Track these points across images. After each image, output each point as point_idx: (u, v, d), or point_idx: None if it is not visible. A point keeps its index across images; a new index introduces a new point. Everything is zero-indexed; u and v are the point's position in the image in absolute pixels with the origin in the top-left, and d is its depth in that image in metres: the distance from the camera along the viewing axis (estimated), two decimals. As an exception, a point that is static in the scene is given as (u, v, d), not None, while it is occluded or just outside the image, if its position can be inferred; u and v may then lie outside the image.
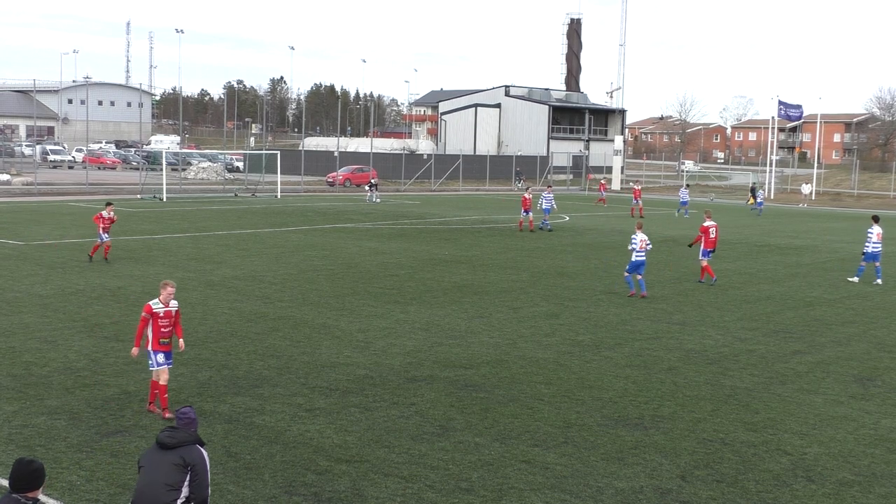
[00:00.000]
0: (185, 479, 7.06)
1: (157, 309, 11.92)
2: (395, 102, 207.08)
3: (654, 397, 13.53)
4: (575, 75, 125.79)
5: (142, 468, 7.18)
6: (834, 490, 10.15)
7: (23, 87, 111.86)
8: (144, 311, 11.93)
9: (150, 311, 11.87)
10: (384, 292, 21.70)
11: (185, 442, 7.17)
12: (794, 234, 41.86)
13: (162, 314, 11.92)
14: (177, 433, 7.23)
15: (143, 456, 7.31)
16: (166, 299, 11.93)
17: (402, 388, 13.51)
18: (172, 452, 7.13)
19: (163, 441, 7.17)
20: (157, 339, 11.92)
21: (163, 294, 11.93)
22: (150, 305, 11.92)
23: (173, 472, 7.04)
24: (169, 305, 11.97)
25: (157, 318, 11.89)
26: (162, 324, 11.92)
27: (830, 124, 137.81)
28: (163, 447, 7.15)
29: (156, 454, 7.18)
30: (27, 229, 32.92)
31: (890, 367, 16.01)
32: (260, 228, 36.17)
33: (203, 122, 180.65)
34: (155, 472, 7.05)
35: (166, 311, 11.96)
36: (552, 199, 41.59)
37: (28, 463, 6.13)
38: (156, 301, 11.95)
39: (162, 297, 11.93)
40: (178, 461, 7.09)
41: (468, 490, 9.74)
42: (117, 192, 54.61)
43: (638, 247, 22.27)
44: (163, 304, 11.92)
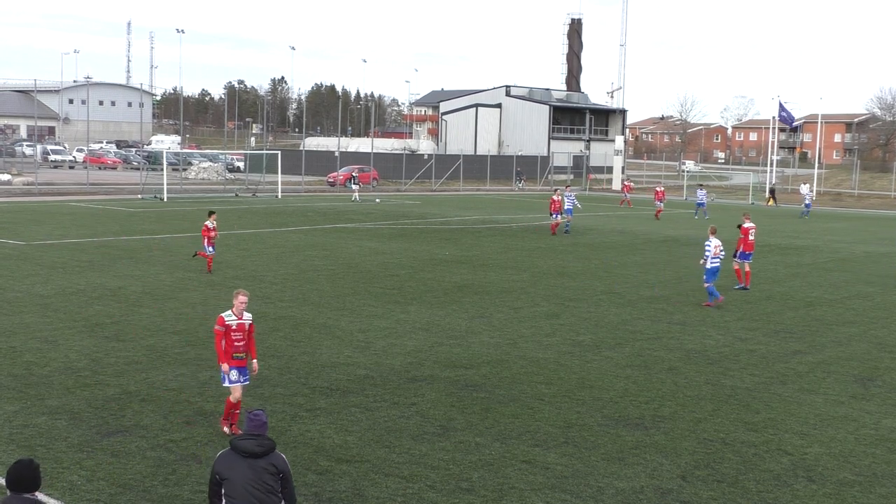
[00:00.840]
0: (279, 487, 6.70)
1: (231, 321, 11.11)
2: (395, 102, 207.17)
3: (654, 397, 13.53)
4: (575, 75, 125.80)
5: (227, 480, 6.64)
6: (835, 490, 10.15)
7: (24, 87, 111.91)
8: (218, 323, 11.13)
9: (224, 323, 11.08)
10: (385, 292, 21.70)
11: (271, 448, 6.77)
12: (794, 235, 41.85)
13: (235, 327, 11.13)
14: (262, 440, 6.75)
15: (224, 466, 6.70)
16: (239, 310, 11.15)
17: (402, 388, 13.51)
18: (263, 460, 6.68)
19: (251, 450, 6.66)
20: (230, 353, 11.10)
21: (235, 304, 11.15)
22: (223, 318, 11.11)
23: (270, 480, 6.64)
24: (242, 318, 11.20)
25: (231, 332, 11.08)
26: (235, 337, 11.12)
27: (831, 124, 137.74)
28: (251, 455, 6.65)
29: (243, 463, 6.65)
30: (28, 229, 32.93)
31: (890, 367, 16.00)
32: (260, 228, 36.18)
33: (204, 122, 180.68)
34: (253, 483, 6.58)
35: (239, 323, 11.17)
36: (574, 198, 40.48)
37: (28, 464, 6.00)
38: (228, 313, 11.15)
39: (235, 309, 11.14)
40: (271, 469, 6.68)
41: (469, 490, 9.74)
42: (118, 192, 54.64)
43: (713, 253, 21.32)
44: (236, 315, 11.13)
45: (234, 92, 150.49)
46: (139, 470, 9.97)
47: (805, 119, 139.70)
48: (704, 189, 53.18)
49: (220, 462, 6.73)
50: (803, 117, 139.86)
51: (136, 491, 9.41)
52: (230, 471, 6.65)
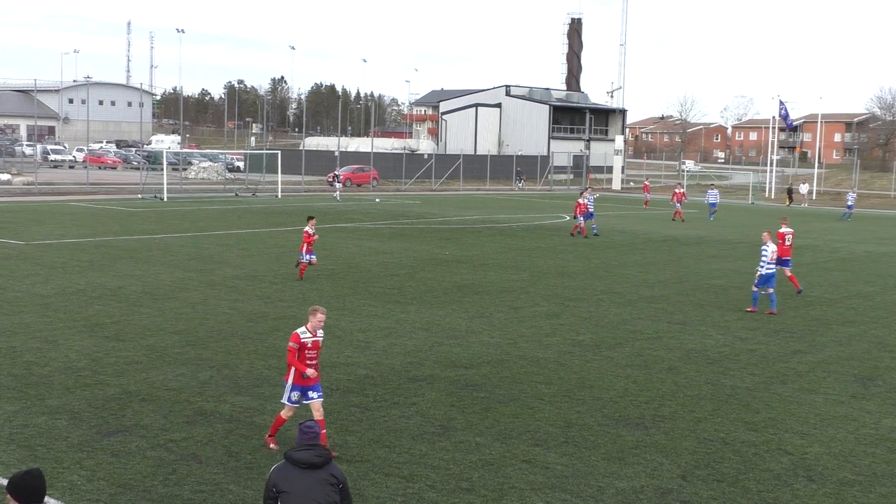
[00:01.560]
0: (339, 498, 6.49)
1: (306, 339, 10.67)
2: (395, 102, 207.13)
3: (654, 397, 13.53)
4: (575, 75, 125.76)
5: (284, 493, 6.40)
6: (835, 490, 10.15)
7: (23, 87, 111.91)
8: (292, 340, 10.66)
9: (299, 340, 10.63)
10: (385, 292, 21.70)
11: (328, 459, 6.53)
12: (794, 234, 41.79)
13: (310, 344, 10.69)
14: (321, 450, 6.53)
15: (281, 478, 6.45)
16: (315, 328, 10.69)
17: (402, 388, 13.51)
18: (322, 471, 6.46)
19: (310, 460, 6.43)
20: (300, 371, 10.67)
21: (311, 321, 10.69)
22: (298, 335, 10.68)
23: (331, 492, 6.42)
24: (317, 335, 10.76)
25: (305, 349, 10.66)
26: (309, 355, 10.70)
27: (831, 124, 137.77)
28: (311, 466, 6.42)
29: (302, 475, 6.41)
30: (28, 229, 32.93)
31: (891, 366, 16.00)
32: (260, 228, 36.18)
33: (204, 121, 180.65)
34: (314, 495, 6.37)
35: (314, 341, 10.73)
36: (592, 200, 39.01)
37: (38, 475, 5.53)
38: (303, 329, 10.72)
39: (310, 325, 10.69)
40: (331, 480, 6.47)
41: (469, 490, 9.74)
42: (118, 192, 54.64)
43: (769, 258, 20.69)
44: (311, 332, 10.70)
45: (234, 92, 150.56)
46: (139, 470, 9.97)
47: (805, 119, 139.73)
48: (716, 189, 52.32)
49: (276, 475, 6.49)
50: (803, 117, 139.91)
51: (137, 491, 9.41)
52: (288, 483, 6.41)
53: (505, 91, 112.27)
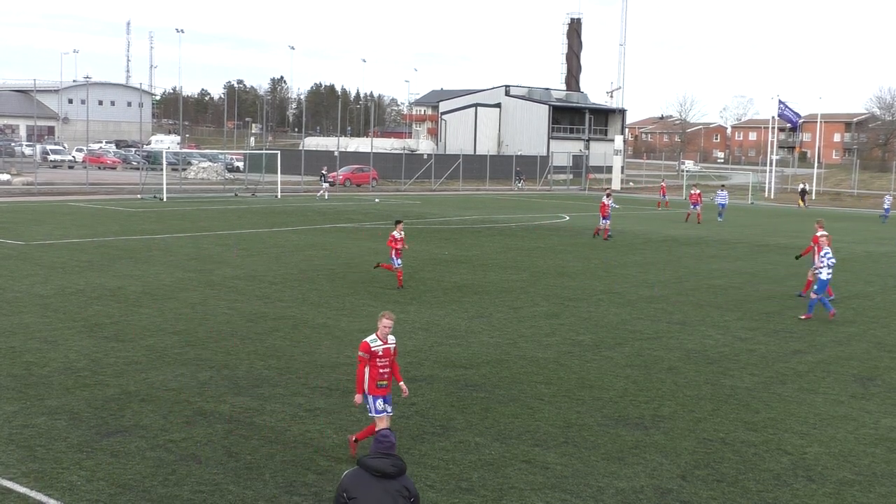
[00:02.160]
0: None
1: (376, 347, 10.32)
2: (395, 102, 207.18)
3: (654, 397, 13.52)
4: (575, 75, 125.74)
5: (355, 499, 6.29)
6: (834, 489, 10.15)
7: (23, 87, 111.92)
8: (361, 349, 10.34)
9: (369, 349, 10.30)
10: (384, 292, 21.70)
11: (403, 470, 6.37)
12: (794, 234, 41.83)
13: (381, 352, 10.35)
14: (397, 460, 6.37)
15: (353, 484, 6.35)
16: (384, 334, 10.38)
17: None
18: (396, 482, 6.33)
19: (384, 469, 6.30)
20: (375, 381, 10.35)
21: (380, 328, 10.38)
22: (368, 343, 10.33)
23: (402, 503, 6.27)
24: (387, 342, 10.44)
25: (376, 358, 10.33)
26: (381, 363, 10.36)
27: (830, 124, 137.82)
28: (385, 476, 6.29)
29: (375, 484, 6.29)
30: (27, 229, 32.92)
31: (890, 366, 16.01)
32: (260, 228, 36.18)
33: (203, 121, 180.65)
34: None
35: (385, 348, 10.39)
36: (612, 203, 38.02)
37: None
38: (373, 337, 10.37)
39: (379, 332, 10.38)
40: (404, 492, 6.32)
41: (468, 490, 9.74)
42: (117, 192, 54.63)
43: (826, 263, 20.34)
44: (380, 340, 10.38)
45: (234, 92, 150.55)
46: (139, 470, 9.97)
47: (804, 119, 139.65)
48: (726, 190, 51.54)
49: (348, 481, 6.39)
50: (803, 117, 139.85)
51: (136, 491, 9.41)
52: (360, 490, 6.29)
53: (504, 91, 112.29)
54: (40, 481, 9.56)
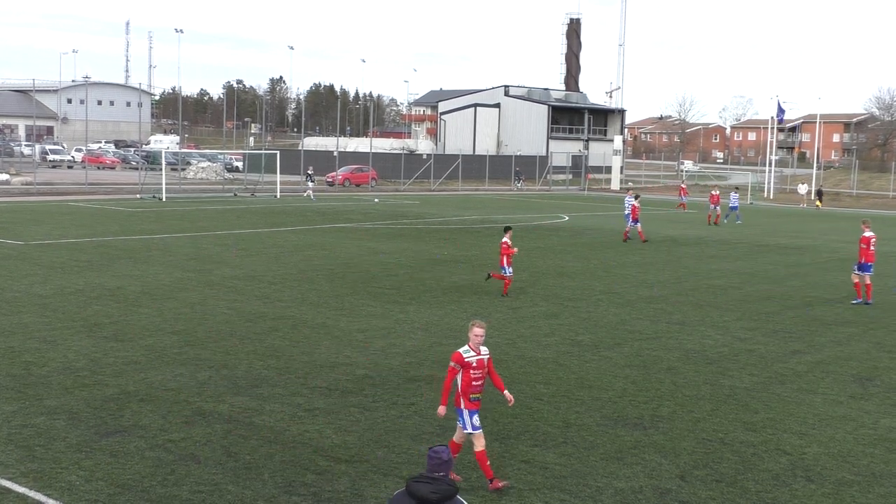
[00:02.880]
0: None
1: (469, 358, 9.81)
2: (394, 102, 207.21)
3: (653, 397, 13.52)
4: (574, 75, 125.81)
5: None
6: (833, 490, 10.15)
7: (22, 87, 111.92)
8: (453, 360, 9.86)
9: (462, 360, 9.80)
10: (383, 292, 21.70)
11: (450, 495, 5.90)
12: (793, 234, 41.87)
13: (474, 364, 9.85)
14: (440, 485, 5.92)
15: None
16: (476, 344, 9.90)
17: (401, 388, 13.51)
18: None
19: (425, 496, 5.89)
20: (468, 394, 9.81)
21: (471, 338, 9.90)
22: (461, 354, 9.82)
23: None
24: (480, 352, 9.96)
25: (469, 369, 9.80)
26: (474, 375, 9.85)
27: (830, 124, 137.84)
28: (423, 502, 5.90)
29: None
30: (26, 229, 32.91)
31: (889, 366, 16.01)
32: (259, 228, 36.17)
33: (202, 121, 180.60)
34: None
35: (479, 359, 9.90)
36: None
37: None
38: (465, 348, 9.87)
39: (471, 343, 9.89)
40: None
41: (467, 490, 9.73)
42: (117, 192, 54.63)
43: None
44: (473, 350, 9.89)
45: (233, 92, 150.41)
46: (138, 470, 9.96)
47: (804, 119, 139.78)
48: (738, 193, 51.08)
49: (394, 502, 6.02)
50: (802, 117, 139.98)
51: (135, 491, 9.41)
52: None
53: (504, 91, 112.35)
54: (39, 481, 9.55)
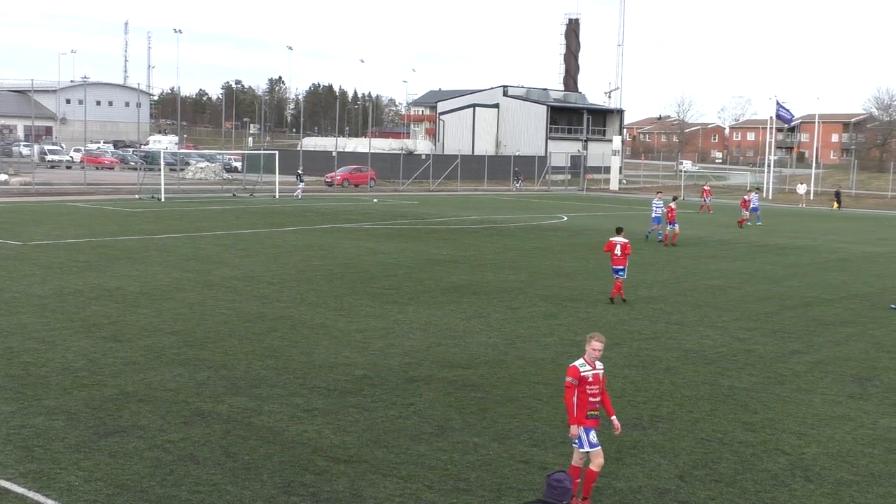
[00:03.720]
0: None
1: (586, 372, 9.43)
2: (393, 102, 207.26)
3: (652, 397, 13.52)
4: (573, 75, 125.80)
5: None
6: (832, 490, 10.15)
7: (21, 87, 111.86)
8: (570, 375, 9.43)
9: (578, 375, 9.38)
10: (382, 292, 21.69)
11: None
12: (792, 235, 41.88)
13: (591, 378, 9.44)
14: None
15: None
16: (593, 358, 9.52)
17: (400, 389, 13.50)
18: None
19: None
20: (585, 410, 9.40)
21: (588, 351, 9.53)
22: (577, 368, 9.43)
23: None
24: (596, 367, 9.55)
25: (586, 384, 9.41)
26: (591, 391, 9.44)
27: (828, 124, 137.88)
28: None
29: None
30: (25, 229, 32.89)
31: (888, 366, 16.01)
32: (258, 228, 36.16)
33: (201, 122, 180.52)
34: None
35: (595, 374, 9.50)
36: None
37: None
38: (581, 361, 9.50)
39: (587, 356, 9.51)
40: None
41: (466, 490, 9.74)
42: (115, 193, 54.61)
43: None
44: (589, 364, 9.50)
45: (232, 92, 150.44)
46: (137, 470, 9.96)
47: (802, 119, 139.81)
48: (757, 194, 50.11)
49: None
50: (801, 117, 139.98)
51: (134, 491, 9.40)
52: None
53: (502, 91, 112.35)
54: (38, 481, 9.55)
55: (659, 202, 36.29)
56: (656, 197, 37.30)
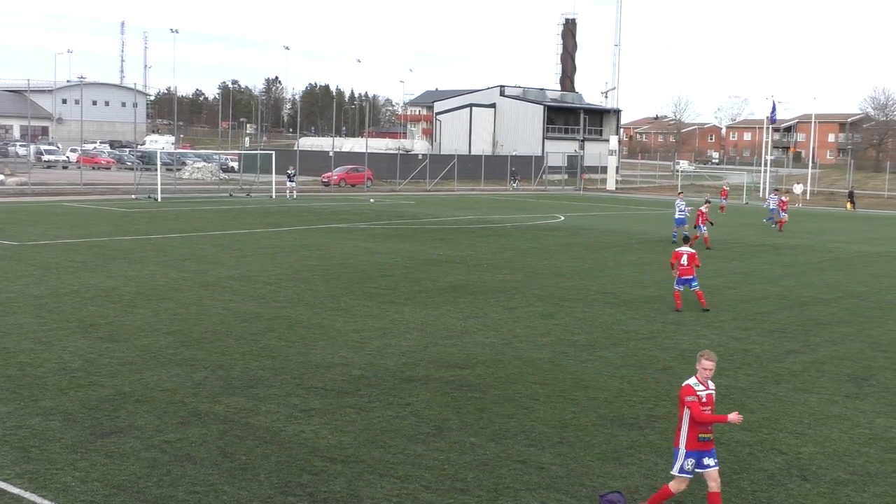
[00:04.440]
0: None
1: (701, 392, 8.86)
2: (390, 102, 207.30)
3: (649, 397, 13.53)
4: (570, 75, 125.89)
5: None
6: (829, 489, 10.16)
7: (17, 87, 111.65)
8: (684, 393, 8.86)
9: (694, 393, 8.83)
10: (379, 292, 21.69)
11: None
12: (788, 234, 41.93)
13: (704, 399, 8.86)
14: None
15: None
16: (705, 378, 8.94)
17: (397, 389, 13.50)
18: None
19: None
20: (696, 433, 8.85)
21: (699, 370, 8.96)
22: (692, 387, 8.86)
23: None
24: (709, 387, 8.99)
25: (699, 406, 8.84)
26: (704, 412, 8.90)
27: (825, 124, 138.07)
28: None
29: None
30: (21, 230, 32.85)
31: (884, 366, 16.04)
32: (255, 228, 36.13)
33: (198, 122, 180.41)
34: None
35: (708, 394, 8.93)
36: (686, 207, 35.88)
37: None
38: (693, 381, 8.92)
39: (699, 375, 8.95)
40: None
41: (464, 490, 9.74)
42: (112, 193, 54.54)
43: None
44: (702, 384, 8.93)
45: (229, 92, 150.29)
46: (133, 471, 9.94)
47: (799, 119, 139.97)
48: (777, 195, 49.25)
49: None
50: (797, 117, 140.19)
51: (131, 492, 9.39)
52: None
53: (499, 91, 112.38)
54: (34, 482, 9.53)
55: (682, 203, 35.71)
56: (678, 198, 36.71)
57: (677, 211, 35.82)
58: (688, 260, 20.92)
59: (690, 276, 20.86)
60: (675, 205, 36.41)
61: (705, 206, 35.31)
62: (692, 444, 8.86)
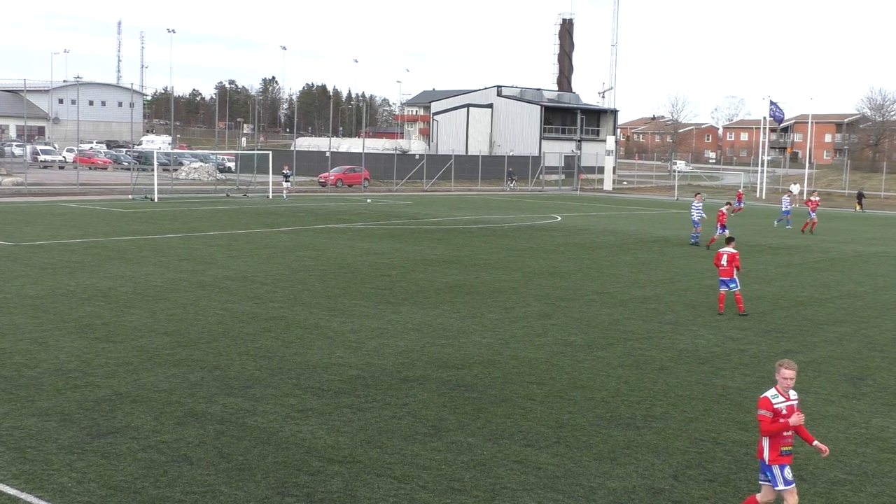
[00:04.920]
0: None
1: (779, 404, 8.50)
2: (386, 103, 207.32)
3: (646, 397, 13.54)
4: (567, 75, 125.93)
5: None
6: (825, 489, 10.17)
7: (13, 87, 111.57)
8: (763, 407, 8.50)
9: (771, 407, 8.46)
10: (376, 293, 21.68)
11: None
12: (785, 234, 41.97)
13: (784, 411, 8.51)
14: None
15: None
16: (785, 388, 8.57)
17: (394, 389, 13.49)
18: None
19: None
20: (779, 446, 8.53)
21: (779, 381, 8.59)
22: (769, 399, 8.50)
23: None
24: (790, 397, 8.61)
25: (779, 417, 8.49)
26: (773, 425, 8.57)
27: (821, 125, 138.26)
28: None
29: None
30: (17, 230, 32.79)
31: (881, 366, 16.06)
32: (251, 229, 36.11)
33: (194, 122, 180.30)
34: None
35: (789, 405, 8.55)
36: (702, 209, 35.70)
37: None
38: (773, 392, 8.57)
39: (779, 386, 8.59)
40: None
41: (461, 490, 9.73)
42: (108, 193, 54.48)
43: None
44: (782, 395, 8.58)
45: (225, 92, 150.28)
46: (130, 471, 9.93)
47: (796, 119, 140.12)
48: (789, 196, 49.09)
49: None
50: (794, 117, 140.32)
51: (127, 493, 9.38)
52: None
53: (496, 91, 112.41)
54: (31, 483, 9.52)
55: (699, 204, 35.58)
56: (696, 199, 36.55)
57: (693, 211, 35.58)
58: (727, 261, 20.67)
59: (729, 277, 20.58)
60: (692, 206, 36.19)
61: (725, 207, 35.27)
62: (775, 457, 8.56)
